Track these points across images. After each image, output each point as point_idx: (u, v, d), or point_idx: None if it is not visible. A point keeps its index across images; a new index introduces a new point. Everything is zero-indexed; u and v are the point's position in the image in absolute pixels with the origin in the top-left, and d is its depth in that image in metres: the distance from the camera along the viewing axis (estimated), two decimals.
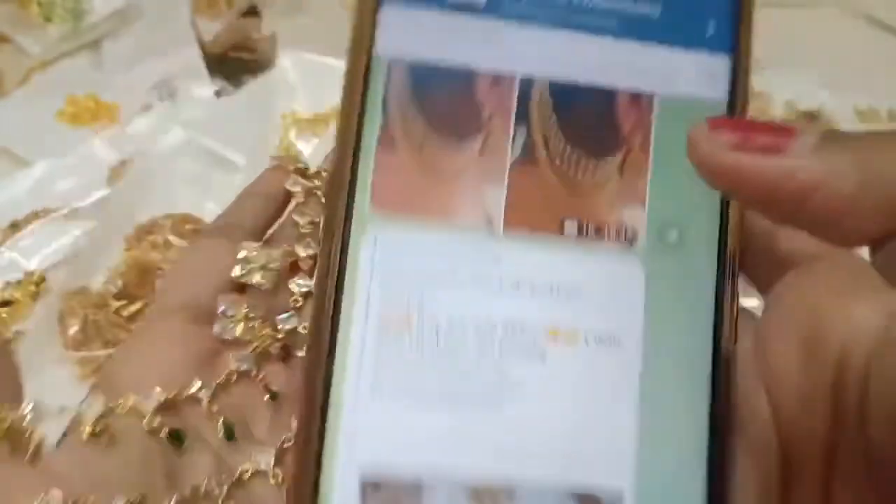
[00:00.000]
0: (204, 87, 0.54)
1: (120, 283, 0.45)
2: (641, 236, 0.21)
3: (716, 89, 0.21)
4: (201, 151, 0.51)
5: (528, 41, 0.21)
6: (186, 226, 0.48)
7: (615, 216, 0.21)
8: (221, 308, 0.25)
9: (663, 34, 0.21)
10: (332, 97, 0.52)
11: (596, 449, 0.20)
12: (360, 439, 0.19)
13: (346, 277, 0.20)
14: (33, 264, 0.47)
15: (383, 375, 0.19)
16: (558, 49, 0.21)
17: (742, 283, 0.21)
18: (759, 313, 0.20)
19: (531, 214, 0.20)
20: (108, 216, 0.48)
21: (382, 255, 0.20)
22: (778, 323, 0.19)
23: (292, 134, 0.52)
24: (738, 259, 0.21)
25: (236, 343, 0.26)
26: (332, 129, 0.50)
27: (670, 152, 0.21)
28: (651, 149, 0.21)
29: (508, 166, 0.21)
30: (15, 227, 0.48)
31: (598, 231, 0.21)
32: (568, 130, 0.21)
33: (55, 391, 0.42)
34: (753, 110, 0.59)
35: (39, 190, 0.49)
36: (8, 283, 0.46)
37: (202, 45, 0.56)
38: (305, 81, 0.53)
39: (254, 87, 0.54)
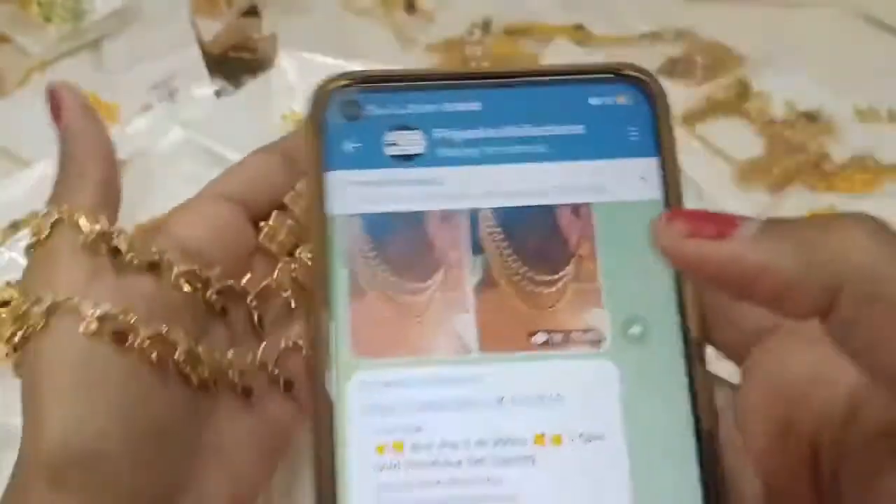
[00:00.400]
0: (204, 87, 0.54)
1: None
2: (606, 336, 0.22)
3: (649, 190, 0.23)
4: (201, 151, 0.51)
5: (468, 178, 0.23)
6: None
7: (578, 322, 0.22)
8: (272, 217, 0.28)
9: (590, 149, 0.23)
10: None
11: None
12: None
13: (336, 416, 0.21)
14: None
15: (382, 499, 0.21)
16: (496, 180, 0.23)
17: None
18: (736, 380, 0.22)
19: (501, 334, 0.22)
20: None
21: (369, 393, 0.22)
22: (753, 408, 0.21)
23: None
24: (705, 338, 0.22)
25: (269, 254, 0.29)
26: None
27: (617, 254, 0.23)
28: (598, 254, 0.23)
29: (472, 293, 0.22)
30: (15, 227, 0.48)
31: (566, 338, 0.22)
32: (519, 251, 0.23)
33: None
34: (753, 110, 0.59)
35: (39, 190, 0.49)
36: (8, 283, 0.46)
37: (202, 45, 0.56)
38: (305, 81, 0.53)
39: (254, 87, 0.54)
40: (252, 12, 0.58)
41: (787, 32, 0.57)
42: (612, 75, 0.24)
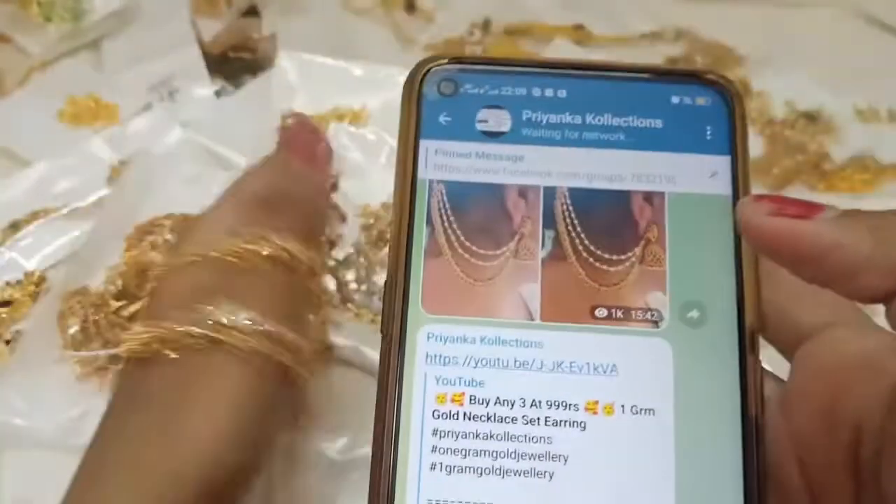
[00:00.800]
0: (204, 87, 0.54)
1: (120, 282, 0.45)
2: (665, 317, 0.23)
3: (719, 185, 0.24)
4: (201, 151, 0.51)
5: (549, 158, 0.25)
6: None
7: (640, 301, 0.24)
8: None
9: (666, 142, 0.25)
10: (333, 98, 0.52)
11: None
12: None
13: (405, 366, 0.23)
14: (33, 264, 0.47)
15: (439, 447, 0.22)
16: (575, 162, 0.25)
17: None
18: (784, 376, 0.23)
19: (565, 305, 0.23)
20: (108, 216, 0.48)
21: (435, 345, 0.23)
22: (800, 392, 0.22)
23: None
24: (759, 329, 0.23)
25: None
26: (331, 129, 0.50)
27: (684, 242, 0.24)
28: (666, 240, 0.24)
29: (541, 264, 0.24)
30: (15, 226, 0.48)
31: (626, 315, 0.23)
32: (590, 229, 0.24)
33: (55, 391, 0.42)
34: (752, 110, 0.59)
35: (39, 190, 0.49)
36: (8, 283, 0.46)
37: (202, 45, 0.56)
38: (305, 82, 0.53)
39: (254, 87, 0.54)
40: (252, 12, 0.58)
41: (787, 32, 0.57)
42: (694, 78, 0.25)
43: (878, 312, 0.21)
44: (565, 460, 0.22)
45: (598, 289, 0.24)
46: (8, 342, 0.44)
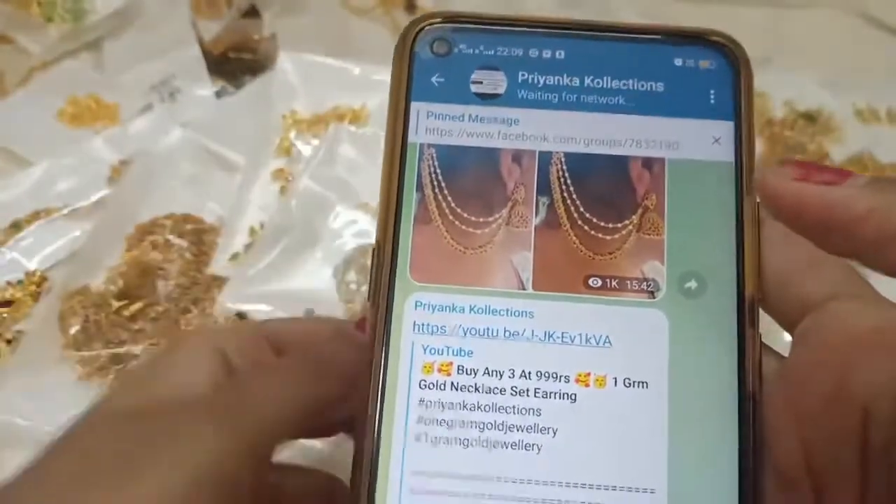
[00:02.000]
0: (204, 88, 0.54)
1: (121, 282, 0.45)
2: (662, 288, 0.22)
3: (722, 152, 0.23)
4: (201, 151, 0.51)
5: (545, 121, 0.23)
6: (187, 226, 0.48)
7: (636, 271, 0.23)
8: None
9: (668, 106, 0.24)
10: (333, 98, 0.52)
11: (627, 485, 0.21)
12: (406, 476, 0.21)
13: (392, 334, 0.22)
14: (34, 264, 0.47)
15: (425, 417, 0.22)
16: (572, 126, 0.23)
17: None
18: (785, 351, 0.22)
19: (558, 274, 0.23)
20: (109, 216, 0.48)
21: (424, 315, 0.22)
22: (804, 368, 0.20)
23: (292, 134, 0.52)
24: (759, 302, 0.22)
25: None
26: (331, 129, 0.50)
27: (684, 210, 0.23)
28: (665, 208, 0.23)
29: (534, 232, 0.23)
30: (16, 226, 0.48)
31: (621, 285, 0.22)
32: (586, 196, 0.23)
33: (56, 391, 0.42)
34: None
35: (40, 190, 0.49)
36: (9, 283, 0.46)
37: (202, 46, 0.56)
38: (305, 82, 0.53)
39: (254, 87, 0.54)
40: (252, 13, 0.58)
41: (787, 32, 0.57)
42: (699, 39, 0.25)
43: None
44: (554, 433, 0.22)
45: (592, 258, 0.23)
46: (9, 342, 0.44)
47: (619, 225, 0.23)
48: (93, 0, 0.55)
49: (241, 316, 0.44)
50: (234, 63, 0.56)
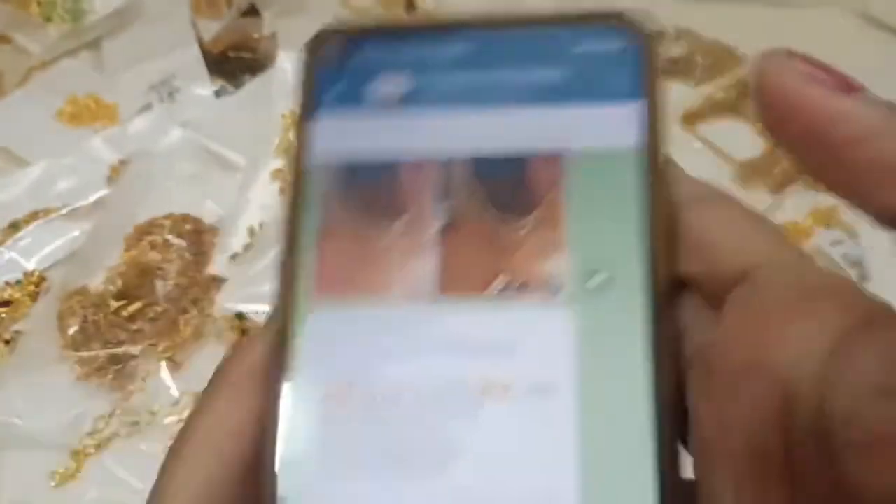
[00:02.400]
0: (204, 87, 0.54)
1: (119, 282, 0.45)
2: (566, 285, 0.21)
3: (629, 137, 0.22)
4: (201, 151, 0.51)
5: (446, 124, 0.23)
6: (186, 226, 0.48)
7: (538, 270, 0.22)
8: None
9: (571, 95, 0.23)
10: None
11: (538, 498, 0.20)
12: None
13: (290, 358, 0.21)
14: (33, 264, 0.47)
15: (325, 445, 0.21)
16: (474, 126, 0.23)
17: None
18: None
19: (461, 279, 0.22)
20: (108, 216, 0.48)
21: (324, 332, 0.21)
22: (720, 343, 0.18)
23: (292, 134, 0.52)
24: (675, 291, 0.21)
25: None
26: None
27: (587, 202, 0.22)
28: (567, 202, 0.22)
29: (435, 237, 0.22)
30: (15, 226, 0.48)
31: (524, 286, 0.22)
32: (488, 196, 0.22)
33: (54, 391, 0.42)
34: (752, 111, 0.58)
35: (39, 190, 0.49)
36: (7, 283, 0.46)
37: (202, 45, 0.56)
38: None
39: (254, 87, 0.54)
40: (252, 12, 0.58)
41: (788, 32, 0.57)
42: (601, 21, 0.23)
43: None
44: (459, 450, 0.21)
45: (495, 260, 0.22)
46: (7, 342, 0.44)
47: (521, 223, 0.22)
48: (92, 0, 0.55)
49: (240, 316, 0.44)
50: (234, 62, 0.56)
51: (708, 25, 0.57)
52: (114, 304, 0.44)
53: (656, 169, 0.22)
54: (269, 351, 0.21)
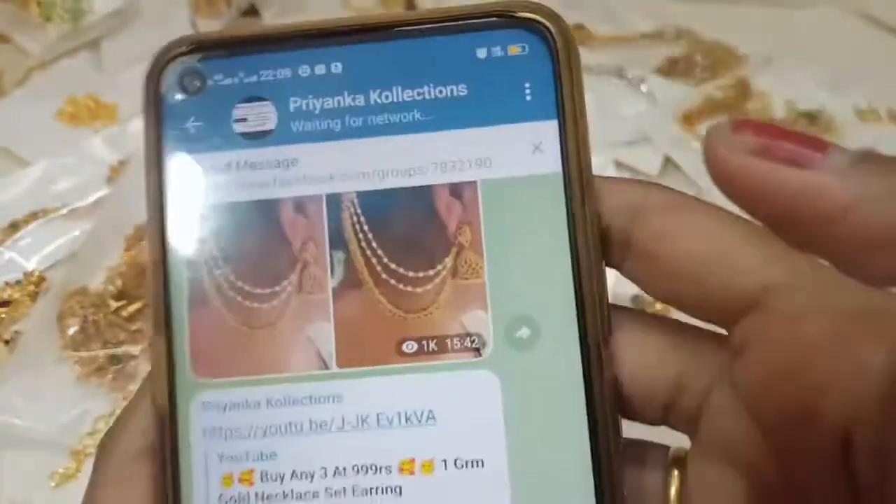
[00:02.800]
0: None
1: (119, 283, 0.45)
2: (488, 341, 0.19)
3: (545, 162, 0.19)
4: None
5: (328, 156, 0.19)
6: None
7: (456, 326, 0.19)
8: None
9: (473, 114, 0.19)
10: None
11: None
12: None
13: (181, 445, 0.19)
14: (32, 264, 0.46)
15: None
16: (362, 157, 0.19)
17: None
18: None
19: (366, 343, 0.19)
20: (108, 216, 0.48)
21: (213, 416, 0.19)
22: (762, 378, 0.16)
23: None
24: (607, 339, 0.18)
25: None
26: None
27: (505, 242, 0.19)
28: (483, 243, 0.19)
29: (332, 296, 0.19)
30: (14, 226, 0.48)
31: (440, 346, 0.19)
32: (388, 243, 0.19)
33: (54, 391, 0.42)
34: (753, 111, 0.59)
35: (38, 190, 0.49)
36: (7, 284, 0.46)
37: None
38: None
39: None
40: (251, 12, 0.58)
41: (788, 32, 0.57)
42: (503, 19, 0.19)
43: None
44: None
45: (404, 318, 0.19)
46: (7, 342, 0.44)
47: (432, 272, 0.19)
48: (91, 0, 0.55)
49: None
50: None
51: (708, 25, 0.57)
52: (114, 305, 0.44)
53: (580, 196, 0.18)
54: (152, 432, 0.19)
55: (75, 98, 0.53)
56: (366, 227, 0.19)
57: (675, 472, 0.19)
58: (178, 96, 0.20)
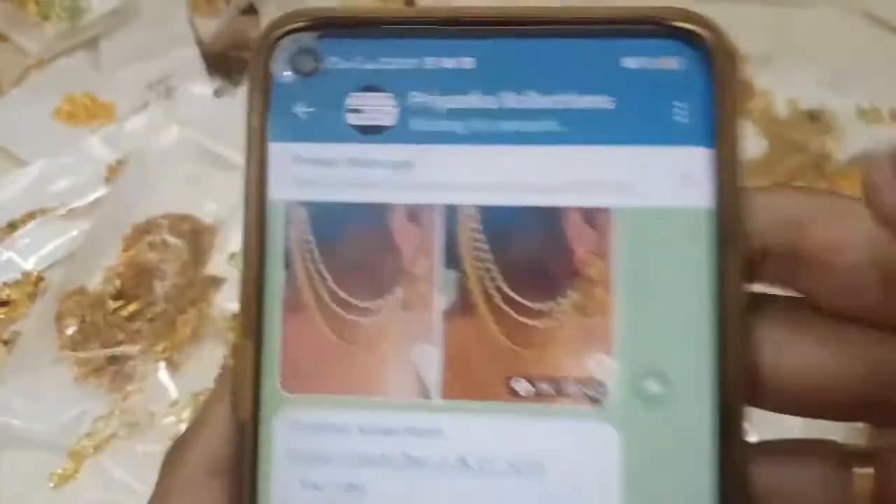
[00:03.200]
0: (202, 86, 0.54)
1: (117, 283, 0.45)
2: (612, 391, 0.17)
3: (695, 193, 0.17)
4: (199, 151, 0.51)
5: (451, 161, 0.17)
6: (184, 226, 0.47)
7: (576, 369, 0.17)
8: None
9: (616, 131, 0.17)
10: None
11: None
12: None
13: (260, 468, 0.17)
14: (31, 264, 0.46)
15: None
16: (488, 167, 0.17)
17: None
18: None
19: (473, 375, 0.17)
20: (106, 216, 0.47)
21: (297, 437, 0.17)
22: None
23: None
24: (744, 408, 0.16)
25: None
26: None
27: (640, 281, 0.17)
28: (614, 280, 0.17)
29: (440, 319, 0.17)
30: (12, 226, 0.48)
31: (556, 389, 0.17)
32: (508, 266, 0.17)
33: (53, 391, 0.42)
34: (754, 110, 0.59)
35: (36, 189, 0.49)
36: (5, 283, 0.46)
37: (200, 44, 0.55)
38: None
39: None
40: (250, 11, 0.58)
41: (789, 32, 0.57)
42: (657, 26, 0.17)
43: None
44: None
45: (518, 352, 0.17)
46: (6, 342, 0.44)
47: (553, 305, 0.17)
48: None
49: None
50: (233, 61, 0.56)
51: None
52: (112, 305, 0.44)
53: (733, 239, 0.16)
54: (228, 446, 0.17)
55: (73, 97, 0.53)
56: (484, 246, 0.17)
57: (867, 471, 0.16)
58: (289, 76, 0.18)
